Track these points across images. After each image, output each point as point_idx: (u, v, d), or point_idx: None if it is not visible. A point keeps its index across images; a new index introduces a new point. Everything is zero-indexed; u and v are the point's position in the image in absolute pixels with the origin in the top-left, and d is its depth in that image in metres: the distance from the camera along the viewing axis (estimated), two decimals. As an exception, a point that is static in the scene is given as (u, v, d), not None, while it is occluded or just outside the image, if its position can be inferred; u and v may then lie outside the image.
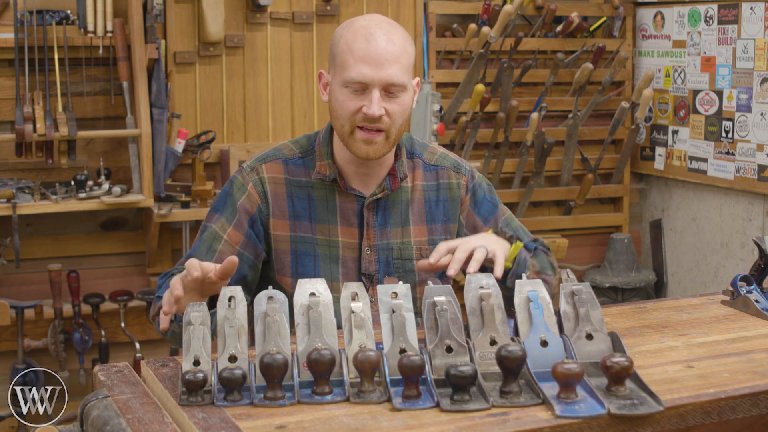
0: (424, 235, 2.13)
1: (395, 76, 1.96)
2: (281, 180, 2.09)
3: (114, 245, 3.92)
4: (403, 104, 2.00)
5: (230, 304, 1.62)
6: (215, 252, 2.05)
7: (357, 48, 1.96)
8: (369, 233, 2.09)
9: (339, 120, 2.01)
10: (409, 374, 1.48)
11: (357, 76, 1.96)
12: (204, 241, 2.08)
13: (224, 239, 2.06)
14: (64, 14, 3.60)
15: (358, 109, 1.97)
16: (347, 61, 1.97)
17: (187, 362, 1.55)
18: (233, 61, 3.96)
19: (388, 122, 1.98)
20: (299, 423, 1.42)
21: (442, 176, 2.16)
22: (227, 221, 2.08)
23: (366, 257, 2.09)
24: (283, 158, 2.11)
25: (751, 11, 4.05)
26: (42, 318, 3.70)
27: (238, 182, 2.11)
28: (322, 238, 2.08)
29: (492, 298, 1.67)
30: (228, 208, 2.09)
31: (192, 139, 3.84)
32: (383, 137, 1.99)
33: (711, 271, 4.41)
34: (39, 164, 3.67)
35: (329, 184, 2.09)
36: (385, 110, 1.97)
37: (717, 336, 1.82)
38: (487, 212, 2.18)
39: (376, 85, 1.96)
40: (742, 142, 4.12)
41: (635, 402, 1.45)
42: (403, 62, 1.99)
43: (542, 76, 4.41)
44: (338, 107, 2.00)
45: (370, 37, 1.97)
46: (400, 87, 1.98)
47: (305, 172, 2.10)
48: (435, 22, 4.25)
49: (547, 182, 4.50)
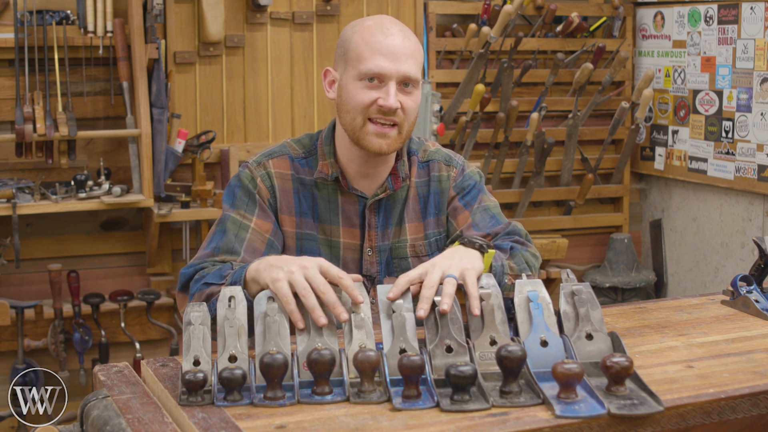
0: (419, 231, 2.13)
1: (411, 71, 1.98)
2: (288, 176, 2.08)
3: (114, 245, 3.92)
4: (416, 100, 2.01)
5: (230, 304, 1.62)
6: (243, 240, 2.00)
7: (374, 41, 1.97)
8: (370, 234, 2.09)
9: (350, 113, 2.00)
10: (409, 374, 1.48)
11: (375, 68, 1.95)
12: (229, 230, 2.01)
13: (251, 228, 2.01)
14: (64, 14, 3.60)
15: (373, 102, 1.97)
16: (363, 54, 1.97)
17: (187, 362, 1.55)
18: (233, 61, 3.96)
19: (402, 116, 1.99)
20: (299, 423, 1.42)
21: (433, 169, 2.15)
22: (247, 211, 2.03)
23: (367, 258, 2.09)
24: (289, 155, 2.11)
25: (751, 11, 4.05)
26: (42, 318, 3.70)
27: (246, 176, 2.07)
28: (323, 238, 2.08)
29: (492, 298, 1.67)
30: (242, 199, 2.05)
31: (192, 139, 3.84)
32: (396, 132, 1.99)
33: (711, 271, 4.41)
34: (39, 164, 3.67)
35: (331, 184, 2.08)
36: (400, 104, 1.97)
37: (717, 336, 1.82)
38: (471, 198, 2.14)
39: (393, 78, 1.96)
40: (742, 142, 4.12)
41: (635, 402, 1.45)
42: (418, 59, 2.01)
43: (542, 76, 4.41)
44: (350, 100, 1.99)
45: (386, 31, 1.98)
46: (414, 82, 1.99)
47: (309, 172, 2.09)
48: (435, 22, 4.25)
49: (547, 182, 4.50)
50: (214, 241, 2.01)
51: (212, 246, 2.00)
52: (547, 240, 4.30)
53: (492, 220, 2.10)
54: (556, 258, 4.35)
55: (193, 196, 3.76)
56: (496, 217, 2.12)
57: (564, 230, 4.55)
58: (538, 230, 4.43)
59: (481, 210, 2.12)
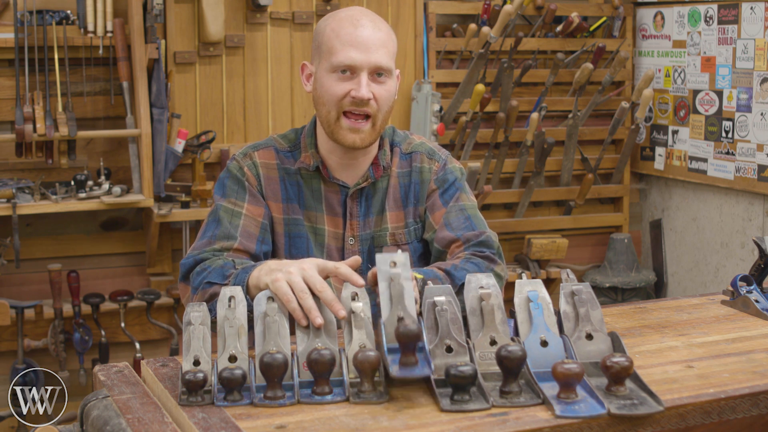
0: (400, 220, 2.14)
1: (383, 60, 1.99)
2: (273, 165, 2.11)
3: (114, 245, 3.92)
4: (389, 90, 2.03)
5: (230, 304, 1.62)
6: (237, 226, 2.03)
7: (344, 33, 1.99)
8: (352, 223, 2.11)
9: (325, 107, 2.03)
10: (407, 342, 1.48)
11: (345, 60, 1.98)
12: (222, 218, 2.04)
13: (243, 214, 2.05)
14: (64, 14, 3.60)
15: (346, 94, 1.99)
16: (334, 46, 2.00)
17: (187, 362, 1.55)
18: (233, 61, 3.96)
19: (375, 107, 2.00)
20: (299, 423, 1.42)
21: (415, 160, 2.17)
22: (238, 198, 2.07)
23: (349, 248, 2.11)
24: (274, 147, 2.14)
25: (751, 11, 4.05)
26: (42, 318, 3.70)
27: (234, 166, 2.11)
28: (309, 225, 2.10)
29: (492, 298, 1.67)
30: (232, 188, 2.08)
31: (192, 139, 3.84)
32: (369, 125, 2.01)
33: (711, 271, 4.41)
34: (39, 164, 3.67)
35: (314, 173, 2.11)
36: (372, 94, 1.99)
37: (717, 336, 1.82)
38: (450, 196, 2.14)
39: (364, 69, 1.98)
40: (742, 142, 4.12)
41: (635, 402, 1.45)
42: (390, 48, 2.02)
43: (542, 76, 4.41)
44: (324, 93, 2.02)
45: (356, 23, 2.00)
46: (386, 71, 2.01)
47: (293, 163, 2.13)
48: (435, 22, 4.25)
49: (547, 182, 4.50)
50: (210, 230, 2.04)
51: (208, 235, 2.03)
52: (547, 240, 4.30)
53: (466, 222, 2.09)
54: (556, 258, 4.35)
55: (193, 196, 3.76)
56: (471, 219, 2.11)
57: (564, 230, 4.55)
58: (538, 230, 4.43)
59: (456, 209, 2.12)
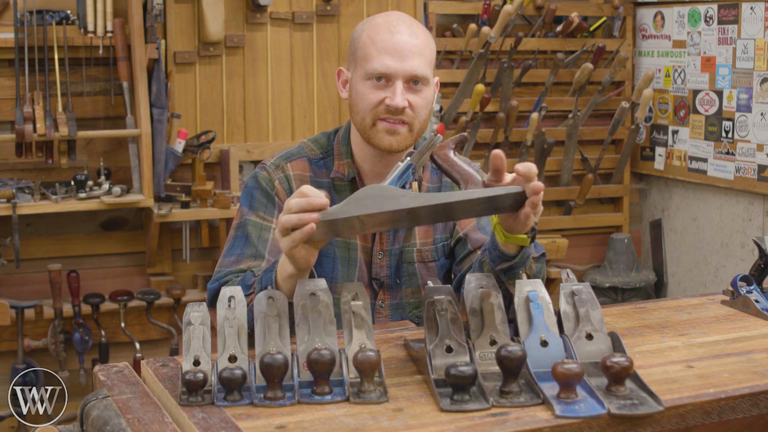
0: (428, 236, 2.11)
1: (419, 69, 1.95)
2: (307, 178, 2.06)
3: (114, 245, 3.92)
4: (425, 98, 1.98)
5: (230, 304, 1.62)
6: (267, 241, 1.98)
7: (380, 40, 1.94)
8: (382, 237, 2.07)
9: (360, 114, 1.98)
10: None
11: (380, 68, 1.93)
12: (251, 234, 1.99)
13: (273, 227, 1.99)
14: (64, 14, 3.60)
15: (381, 101, 1.95)
16: (370, 53, 1.95)
17: (187, 362, 1.55)
18: (233, 61, 3.95)
19: (411, 115, 1.96)
20: (299, 423, 1.42)
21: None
22: (267, 213, 2.02)
23: (377, 262, 2.07)
24: (307, 157, 2.09)
25: (751, 11, 4.05)
26: (42, 318, 3.70)
27: (263, 178, 2.06)
28: (341, 239, 2.06)
29: (492, 298, 1.67)
30: (261, 201, 2.03)
31: (192, 139, 3.84)
32: (407, 129, 1.97)
33: (711, 271, 4.41)
34: (39, 164, 3.67)
35: (347, 185, 2.06)
36: (408, 102, 1.95)
37: (717, 336, 1.82)
38: None
39: (399, 77, 1.93)
40: (742, 142, 4.12)
41: (635, 402, 1.45)
42: (426, 56, 1.97)
43: (542, 76, 4.41)
44: (359, 100, 1.98)
45: (393, 29, 1.95)
46: (423, 80, 1.96)
47: (326, 173, 2.08)
48: (435, 22, 4.25)
49: (547, 182, 4.50)
50: (237, 248, 1.99)
51: (236, 252, 1.99)
52: (547, 240, 4.30)
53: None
54: (556, 258, 4.35)
55: (193, 196, 3.76)
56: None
57: (564, 230, 4.55)
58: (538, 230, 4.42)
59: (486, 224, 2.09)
